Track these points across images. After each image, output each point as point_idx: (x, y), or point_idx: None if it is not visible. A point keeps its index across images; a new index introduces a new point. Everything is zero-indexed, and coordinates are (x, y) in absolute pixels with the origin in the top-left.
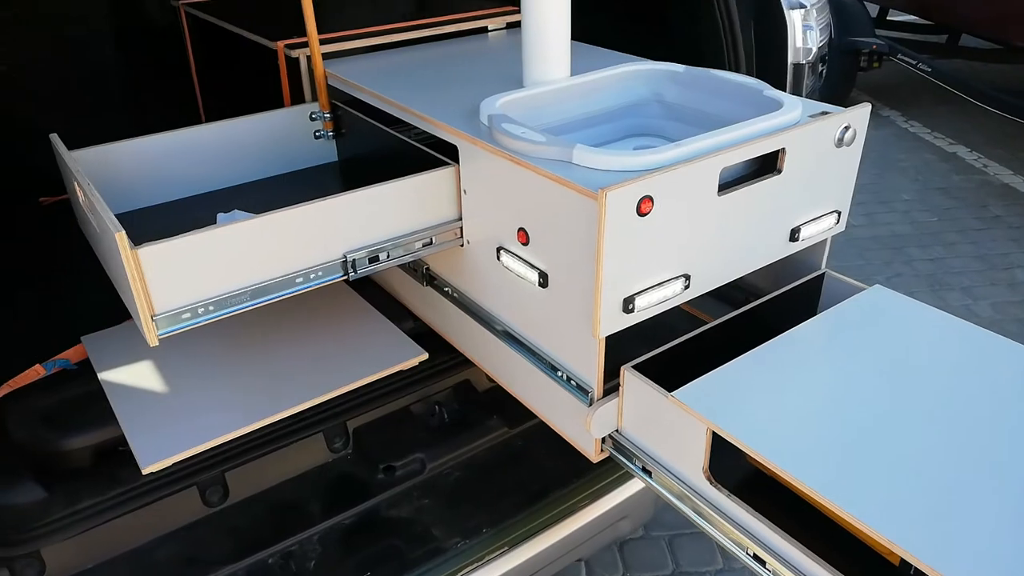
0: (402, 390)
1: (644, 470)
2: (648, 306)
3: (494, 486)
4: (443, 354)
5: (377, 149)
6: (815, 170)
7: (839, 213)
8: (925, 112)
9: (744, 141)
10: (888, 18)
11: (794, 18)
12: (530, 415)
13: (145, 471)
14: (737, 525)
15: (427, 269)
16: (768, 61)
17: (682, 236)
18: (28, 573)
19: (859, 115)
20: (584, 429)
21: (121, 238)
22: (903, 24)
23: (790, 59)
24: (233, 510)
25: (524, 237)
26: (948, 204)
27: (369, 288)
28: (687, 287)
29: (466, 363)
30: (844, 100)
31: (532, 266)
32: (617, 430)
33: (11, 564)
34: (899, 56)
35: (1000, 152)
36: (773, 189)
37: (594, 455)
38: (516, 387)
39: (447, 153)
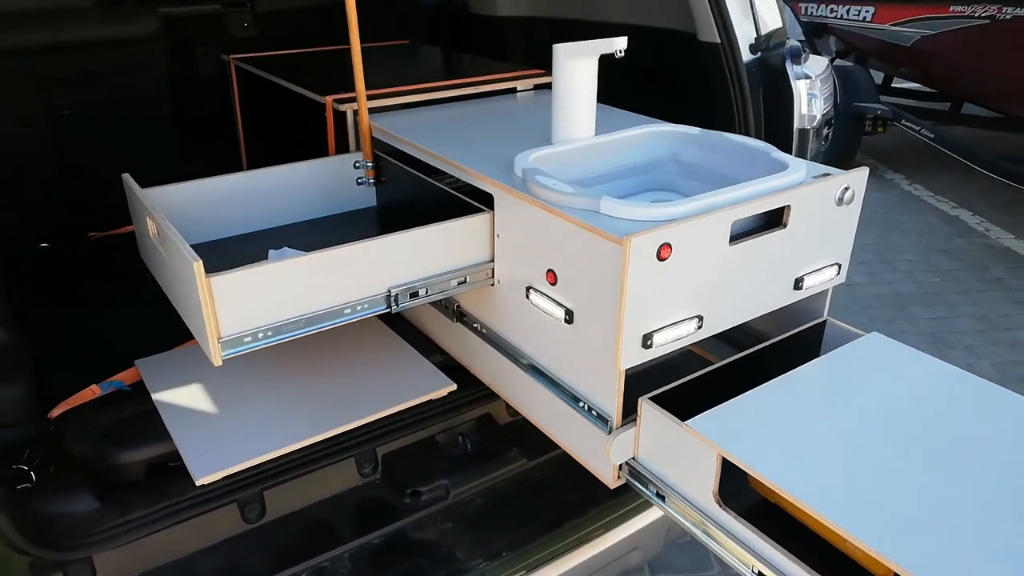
0: (428, 420)
1: (658, 495)
2: (665, 343)
3: (513, 513)
4: (467, 388)
5: (415, 196)
6: (817, 226)
7: (840, 265)
8: (929, 176)
9: (753, 198)
10: (893, 85)
11: (800, 87)
12: (548, 448)
13: (199, 483)
14: (743, 545)
15: (458, 306)
16: (775, 126)
17: (696, 281)
18: None
19: (858, 177)
20: (603, 456)
21: (198, 267)
22: (907, 91)
23: (796, 124)
24: (270, 527)
25: (553, 278)
26: (951, 265)
27: (400, 324)
28: (700, 327)
29: (488, 397)
30: (849, 163)
31: (559, 304)
32: (633, 458)
33: (65, 569)
34: (903, 122)
35: (1002, 217)
36: (779, 242)
37: (611, 481)
38: (538, 417)
39: (480, 201)
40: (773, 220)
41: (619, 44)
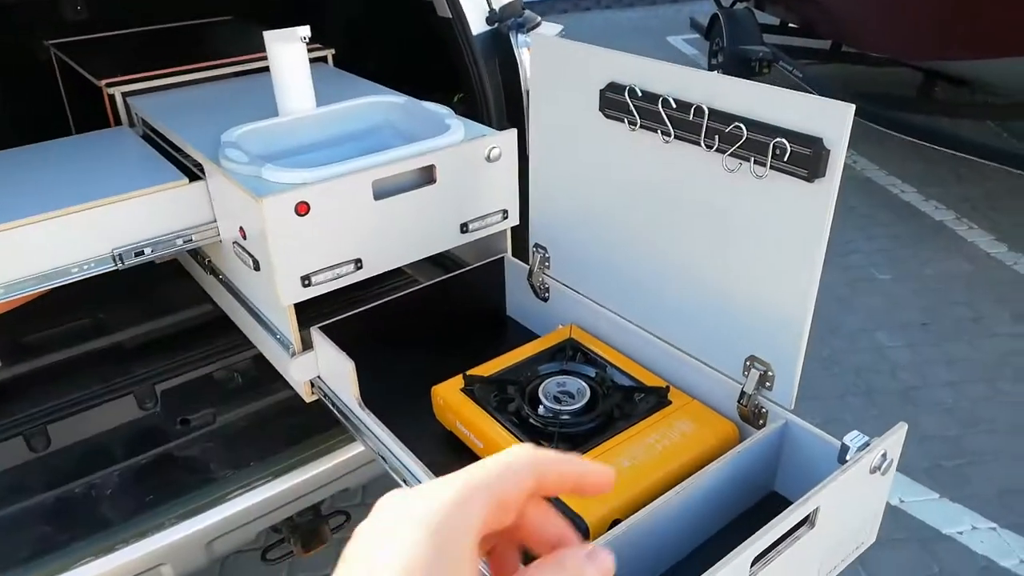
0: (208, 359)
1: (332, 404)
2: (325, 282)
3: (268, 432)
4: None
5: None
6: (471, 180)
7: (506, 211)
8: None
9: (394, 161)
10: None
11: (524, 56)
12: None
13: None
14: (373, 434)
15: (208, 261)
16: (509, 89)
17: (346, 231)
18: None
19: (506, 138)
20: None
21: None
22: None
23: (523, 86)
24: (54, 455)
25: (243, 233)
26: None
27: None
28: (360, 268)
29: None
30: None
31: (249, 254)
32: (319, 376)
33: None
34: (780, 63)
35: (874, 151)
36: (431, 196)
37: (307, 397)
38: (261, 348)
39: None
40: (427, 177)
41: (303, 32)
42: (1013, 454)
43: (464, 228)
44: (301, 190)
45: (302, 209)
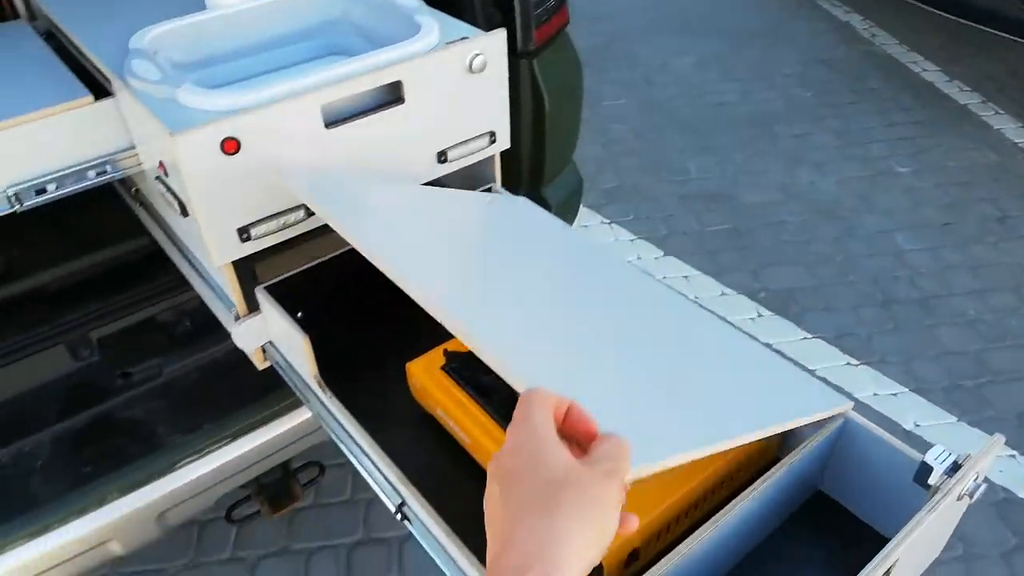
0: (149, 299)
1: (288, 378)
2: (268, 233)
3: (224, 387)
4: None
5: None
6: (449, 97)
7: (493, 134)
8: None
9: (350, 76)
10: None
11: None
12: None
13: None
14: (333, 416)
15: (136, 190)
16: None
17: (293, 169)
18: None
19: (491, 43)
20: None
21: None
22: None
23: None
24: None
25: (163, 169)
26: (828, 78)
27: None
28: (313, 214)
29: None
30: None
31: (174, 196)
32: (271, 341)
33: None
34: None
35: (890, 20)
36: (398, 119)
37: (258, 364)
38: (204, 298)
39: None
40: (392, 95)
41: None
42: None
43: (442, 157)
44: (228, 121)
45: (230, 147)
